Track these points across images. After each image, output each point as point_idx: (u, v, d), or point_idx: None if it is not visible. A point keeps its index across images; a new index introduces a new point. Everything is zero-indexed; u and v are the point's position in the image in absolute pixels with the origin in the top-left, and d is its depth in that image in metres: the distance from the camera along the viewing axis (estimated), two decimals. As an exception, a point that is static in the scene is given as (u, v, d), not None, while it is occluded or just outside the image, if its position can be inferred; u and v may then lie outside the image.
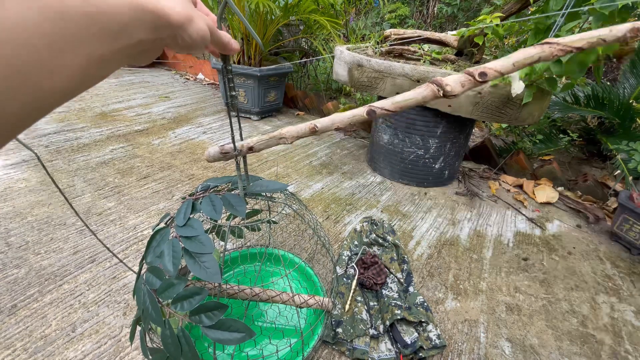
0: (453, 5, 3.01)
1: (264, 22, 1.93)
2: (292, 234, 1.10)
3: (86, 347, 0.70)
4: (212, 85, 2.92)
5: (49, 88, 0.16)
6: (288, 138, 0.48)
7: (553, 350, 0.80)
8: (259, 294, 0.67)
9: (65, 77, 0.16)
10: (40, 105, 0.16)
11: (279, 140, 0.49)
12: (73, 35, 0.16)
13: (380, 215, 1.26)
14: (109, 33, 0.18)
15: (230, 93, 0.47)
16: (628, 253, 1.19)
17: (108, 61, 0.19)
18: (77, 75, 0.17)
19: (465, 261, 1.06)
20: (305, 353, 0.66)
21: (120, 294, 0.83)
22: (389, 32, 1.53)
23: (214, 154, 0.51)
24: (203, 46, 0.28)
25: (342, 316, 0.80)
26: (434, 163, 1.44)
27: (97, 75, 0.19)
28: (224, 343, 0.45)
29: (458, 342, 0.79)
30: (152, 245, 0.48)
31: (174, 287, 0.46)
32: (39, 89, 0.15)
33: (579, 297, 0.97)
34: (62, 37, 0.15)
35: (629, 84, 1.68)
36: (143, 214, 1.12)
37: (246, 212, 0.60)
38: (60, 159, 1.42)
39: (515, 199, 1.48)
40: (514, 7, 1.31)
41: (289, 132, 0.48)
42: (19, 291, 0.80)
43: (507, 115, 1.19)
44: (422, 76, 1.21)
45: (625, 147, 1.35)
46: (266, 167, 1.55)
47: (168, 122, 1.96)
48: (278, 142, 0.49)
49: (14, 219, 1.04)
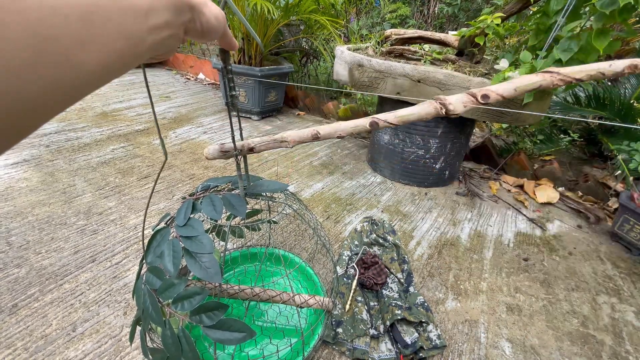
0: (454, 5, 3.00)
1: (264, 22, 1.93)
2: (292, 234, 1.10)
3: (86, 347, 0.70)
4: (213, 85, 2.92)
5: (78, 63, 0.15)
6: (290, 142, 0.48)
7: (554, 351, 0.80)
8: (260, 294, 0.67)
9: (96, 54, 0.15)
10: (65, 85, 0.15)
11: (280, 143, 0.49)
12: (104, 10, 0.16)
13: (380, 215, 1.26)
14: (139, 10, 0.18)
15: (231, 93, 0.47)
16: (629, 253, 1.19)
17: (139, 41, 0.18)
18: (108, 53, 0.16)
19: (465, 261, 1.06)
20: (306, 353, 0.66)
21: (120, 293, 0.83)
22: (390, 32, 1.53)
23: (213, 152, 0.51)
24: (220, 31, 0.29)
25: (343, 316, 0.80)
26: (434, 163, 1.44)
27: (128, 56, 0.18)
28: (225, 343, 0.45)
29: (458, 343, 0.79)
30: (153, 245, 0.48)
31: (174, 287, 0.46)
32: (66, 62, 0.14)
33: (579, 297, 0.97)
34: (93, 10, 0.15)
35: (630, 84, 1.68)
36: (143, 213, 1.13)
37: (246, 212, 0.60)
38: (61, 159, 1.42)
39: (516, 199, 1.47)
40: (515, 7, 1.30)
41: (291, 136, 0.48)
42: (19, 290, 0.81)
43: (508, 115, 1.19)
44: (423, 76, 1.21)
45: (626, 148, 1.35)
46: (266, 167, 1.55)
47: (169, 122, 1.96)
48: (280, 145, 0.49)
49: (14, 218, 1.04)
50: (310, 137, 0.47)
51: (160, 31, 0.20)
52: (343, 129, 0.45)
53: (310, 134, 0.47)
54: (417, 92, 1.24)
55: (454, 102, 0.38)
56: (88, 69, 0.15)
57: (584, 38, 0.99)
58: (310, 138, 0.47)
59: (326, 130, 0.46)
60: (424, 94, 1.23)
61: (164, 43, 0.22)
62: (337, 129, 0.46)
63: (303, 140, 0.48)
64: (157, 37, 0.20)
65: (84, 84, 0.16)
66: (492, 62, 1.56)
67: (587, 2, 1.04)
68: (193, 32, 0.26)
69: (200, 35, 0.27)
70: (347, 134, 0.45)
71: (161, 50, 0.22)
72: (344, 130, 0.45)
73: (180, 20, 0.23)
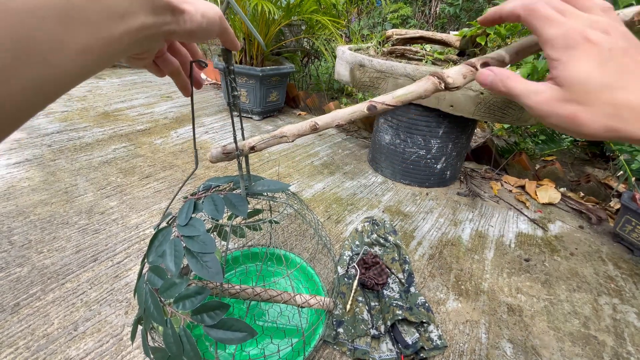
0: (455, 6, 3.00)
1: (265, 22, 1.93)
2: (293, 234, 1.10)
3: (88, 346, 0.70)
4: (214, 85, 2.93)
5: (55, 63, 0.15)
6: (289, 136, 0.48)
7: (555, 352, 0.80)
8: (261, 294, 0.67)
9: (73, 54, 0.16)
10: (44, 86, 0.15)
11: (280, 139, 0.48)
12: (80, 11, 0.16)
13: (381, 215, 1.26)
14: (115, 12, 0.18)
15: (233, 93, 0.47)
16: (630, 254, 1.18)
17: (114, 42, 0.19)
18: (85, 53, 0.17)
19: (466, 262, 1.06)
20: (307, 353, 0.66)
21: (122, 292, 0.83)
22: (391, 32, 1.53)
23: (216, 154, 0.51)
24: (211, 30, 0.28)
25: (344, 316, 0.80)
26: (435, 163, 1.44)
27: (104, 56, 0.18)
28: (226, 342, 0.45)
29: (459, 343, 0.79)
30: (154, 245, 0.49)
31: (175, 286, 0.46)
32: (44, 63, 0.15)
33: (581, 298, 0.97)
34: (69, 11, 0.15)
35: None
36: (145, 213, 1.13)
37: (248, 212, 0.61)
38: (63, 158, 1.42)
39: (517, 200, 1.47)
40: (517, 7, 1.30)
41: (289, 131, 0.48)
42: (21, 289, 0.81)
43: (510, 115, 1.19)
44: (424, 76, 1.21)
45: (628, 148, 1.34)
46: (268, 167, 1.55)
47: (170, 121, 1.97)
48: (279, 141, 0.49)
49: (17, 217, 1.04)
50: (309, 129, 0.46)
51: (137, 33, 0.20)
52: (341, 116, 0.44)
53: (308, 125, 0.46)
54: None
55: (453, 75, 0.36)
56: (65, 70, 0.16)
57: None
58: (309, 130, 0.46)
59: (324, 120, 0.45)
60: (425, 94, 1.23)
61: (142, 44, 0.22)
62: (335, 117, 0.44)
63: (302, 133, 0.47)
64: (133, 39, 0.20)
65: (61, 84, 0.16)
66: (493, 62, 1.56)
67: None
68: (178, 33, 0.25)
69: (187, 35, 0.26)
70: (346, 121, 0.44)
71: (138, 50, 0.22)
72: (342, 117, 0.44)
73: (158, 22, 0.22)
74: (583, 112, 0.23)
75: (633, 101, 0.22)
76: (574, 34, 0.23)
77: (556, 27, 0.24)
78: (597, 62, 0.22)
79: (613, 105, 0.22)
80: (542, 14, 0.24)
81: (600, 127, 0.22)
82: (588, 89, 0.22)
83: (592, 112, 0.22)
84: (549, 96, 0.24)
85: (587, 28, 0.23)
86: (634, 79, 0.22)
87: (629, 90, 0.22)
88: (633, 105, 0.22)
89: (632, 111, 0.22)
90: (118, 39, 0.19)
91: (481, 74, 0.29)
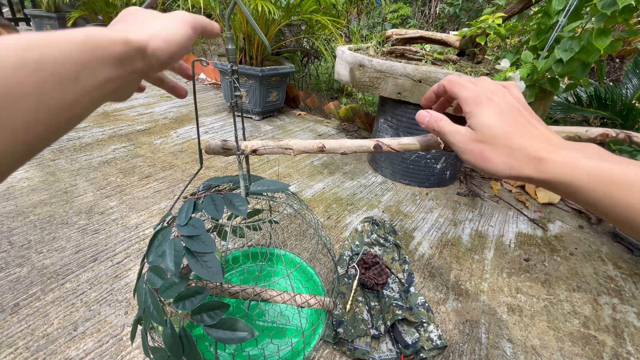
0: (455, 6, 3.00)
1: (265, 22, 1.93)
2: (293, 234, 1.10)
3: (88, 346, 0.70)
4: (214, 85, 2.92)
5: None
6: (294, 150, 0.49)
7: (555, 352, 0.80)
8: (261, 294, 0.67)
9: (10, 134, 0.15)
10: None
11: (284, 150, 0.49)
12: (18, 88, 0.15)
13: (381, 215, 1.26)
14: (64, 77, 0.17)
15: (235, 93, 0.47)
16: (630, 254, 1.18)
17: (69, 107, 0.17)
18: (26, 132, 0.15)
19: (466, 262, 1.06)
20: (307, 353, 0.66)
21: (121, 292, 0.83)
22: (391, 32, 1.53)
23: (214, 146, 0.51)
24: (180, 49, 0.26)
25: (343, 316, 0.80)
26: (435, 163, 1.44)
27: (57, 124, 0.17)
28: (226, 342, 0.45)
29: (459, 343, 0.79)
30: (154, 245, 0.48)
31: (175, 286, 0.46)
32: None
33: (580, 298, 0.97)
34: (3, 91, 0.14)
35: (631, 84, 1.68)
36: (145, 213, 1.13)
37: (247, 212, 0.61)
38: (63, 158, 1.42)
39: (517, 200, 1.47)
40: (516, 7, 1.30)
41: (296, 145, 0.49)
42: (21, 290, 0.81)
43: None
44: (424, 76, 1.21)
45: (628, 148, 1.34)
46: (268, 167, 1.55)
47: (170, 121, 1.97)
48: (283, 151, 0.49)
49: (16, 217, 1.04)
50: (316, 149, 0.48)
51: (101, 88, 0.19)
52: (348, 146, 0.47)
53: (315, 146, 0.48)
54: (418, 92, 1.24)
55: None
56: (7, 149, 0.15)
57: (586, 38, 0.99)
58: (316, 149, 0.48)
59: (332, 145, 0.48)
60: (425, 94, 1.23)
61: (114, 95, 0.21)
62: (342, 146, 0.47)
63: (308, 150, 0.49)
64: (97, 95, 0.19)
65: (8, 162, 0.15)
66: (493, 62, 1.56)
67: (588, 2, 1.03)
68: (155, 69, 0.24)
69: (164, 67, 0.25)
70: (352, 151, 0.47)
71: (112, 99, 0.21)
72: (349, 147, 0.47)
73: (127, 70, 0.21)
74: (488, 150, 0.29)
75: (523, 146, 0.28)
76: (481, 95, 0.31)
77: (469, 91, 0.32)
78: (497, 114, 0.30)
79: (509, 147, 0.29)
80: (460, 83, 0.34)
81: (500, 162, 0.29)
82: (492, 132, 0.29)
83: (494, 151, 0.29)
84: (466, 136, 0.31)
85: (489, 93, 0.31)
86: (524, 130, 0.29)
87: (522, 138, 0.28)
88: (523, 149, 0.28)
89: (523, 153, 0.28)
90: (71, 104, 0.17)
91: (419, 115, 0.37)
